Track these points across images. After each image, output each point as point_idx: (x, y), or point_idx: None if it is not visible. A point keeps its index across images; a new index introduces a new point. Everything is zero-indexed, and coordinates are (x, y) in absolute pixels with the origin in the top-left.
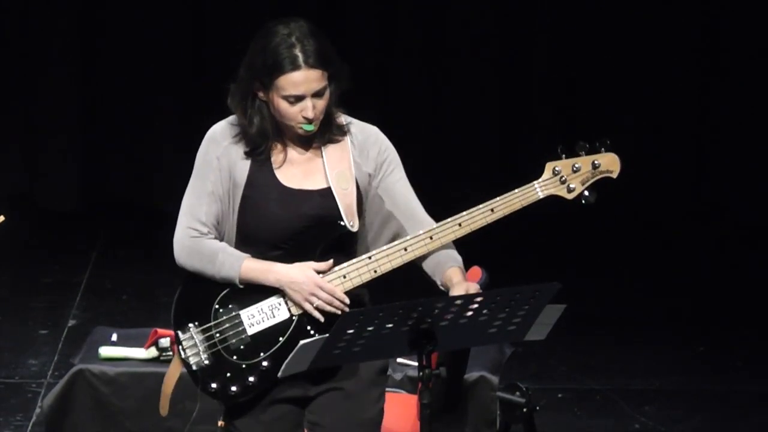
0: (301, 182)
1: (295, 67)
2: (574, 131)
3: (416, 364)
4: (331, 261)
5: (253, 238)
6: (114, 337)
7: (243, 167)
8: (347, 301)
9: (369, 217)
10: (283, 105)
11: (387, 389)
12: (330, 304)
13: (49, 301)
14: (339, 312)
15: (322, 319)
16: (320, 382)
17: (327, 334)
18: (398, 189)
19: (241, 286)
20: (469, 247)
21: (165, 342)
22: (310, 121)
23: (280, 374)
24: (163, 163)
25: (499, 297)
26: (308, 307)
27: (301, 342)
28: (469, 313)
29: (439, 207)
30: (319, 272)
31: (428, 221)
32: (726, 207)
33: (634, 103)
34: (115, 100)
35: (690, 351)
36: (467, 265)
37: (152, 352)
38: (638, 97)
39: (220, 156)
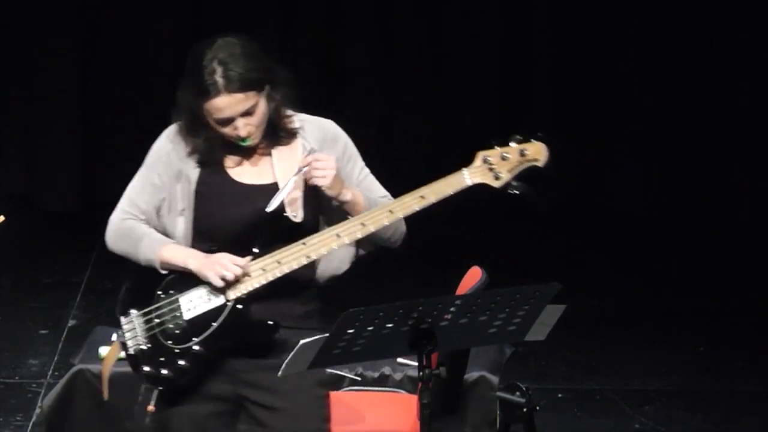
0: (252, 178)
1: (216, 93)
2: (574, 131)
3: (416, 364)
4: (248, 258)
5: (208, 234)
6: (114, 337)
7: (193, 163)
8: (247, 269)
9: (326, 204)
10: (216, 126)
11: (387, 389)
12: (232, 271)
13: (49, 301)
14: (237, 272)
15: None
16: (255, 383)
17: (327, 334)
18: (359, 179)
19: (164, 272)
20: (470, 247)
21: None
22: (243, 139)
23: (280, 374)
24: None
25: (500, 297)
26: (214, 278)
27: (301, 342)
28: (470, 314)
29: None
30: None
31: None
32: (727, 207)
33: (633, 102)
34: (115, 100)
35: (690, 351)
36: (467, 266)
37: None
38: (638, 95)
39: (169, 151)
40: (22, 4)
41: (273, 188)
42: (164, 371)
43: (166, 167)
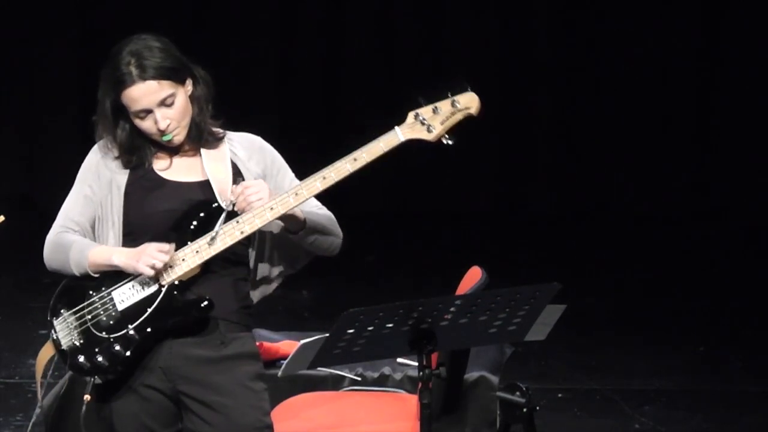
0: (181, 175)
1: (131, 82)
2: (574, 130)
3: (416, 364)
4: (173, 245)
5: (140, 232)
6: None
7: (121, 171)
8: (172, 253)
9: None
10: (137, 121)
11: (387, 389)
12: (159, 258)
13: (49, 301)
14: (164, 259)
15: (156, 269)
16: (192, 378)
17: (327, 334)
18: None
19: (95, 275)
20: (470, 247)
21: None
22: (164, 132)
23: (280, 374)
24: None
25: (500, 297)
26: (143, 267)
27: (302, 342)
28: (470, 314)
29: (433, 204)
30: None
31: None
32: (726, 206)
33: (633, 102)
34: None
35: (690, 351)
36: (467, 266)
37: None
38: (638, 95)
39: (97, 162)
40: (22, 4)
41: (206, 185)
42: (100, 358)
43: (97, 178)
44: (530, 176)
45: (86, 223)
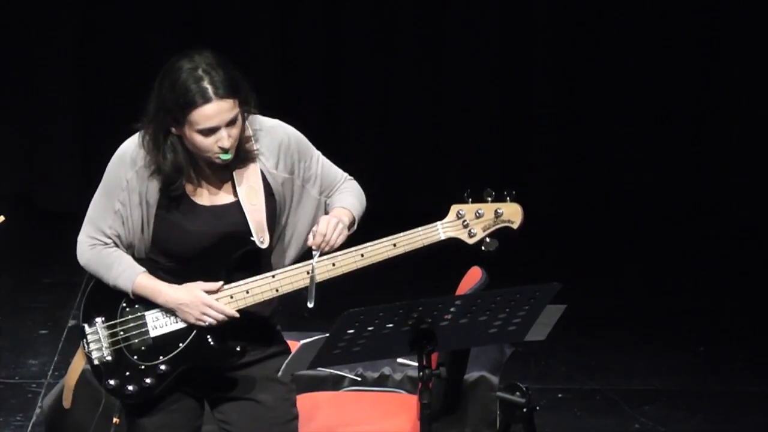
0: (212, 198)
1: (206, 100)
2: (574, 131)
3: (416, 364)
4: (221, 282)
5: (167, 251)
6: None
7: (154, 188)
8: (237, 316)
9: (300, 211)
10: (198, 138)
11: (387, 389)
12: (213, 317)
13: (49, 301)
14: (219, 318)
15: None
16: (220, 385)
17: (327, 334)
18: (317, 171)
19: (133, 297)
20: (469, 248)
21: None
22: (226, 151)
23: (280, 374)
24: None
25: (500, 297)
26: (201, 325)
27: (302, 342)
28: (470, 314)
29: (433, 204)
30: (209, 292)
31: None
32: (726, 206)
33: (633, 102)
34: (114, 100)
35: (690, 351)
36: (467, 266)
37: None
38: (637, 94)
39: (130, 179)
40: (22, 4)
41: (235, 206)
42: (130, 387)
43: (129, 194)
44: (530, 176)
45: (117, 235)
